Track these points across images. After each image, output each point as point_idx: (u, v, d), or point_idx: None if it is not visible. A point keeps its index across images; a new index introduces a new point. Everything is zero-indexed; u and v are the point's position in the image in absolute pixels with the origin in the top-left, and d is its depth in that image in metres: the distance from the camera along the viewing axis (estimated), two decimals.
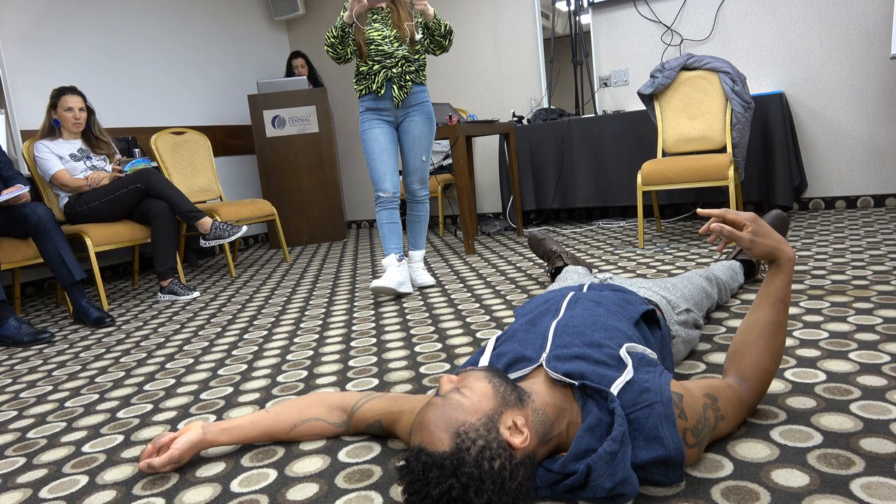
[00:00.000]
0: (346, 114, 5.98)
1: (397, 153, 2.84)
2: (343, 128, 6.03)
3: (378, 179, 2.75)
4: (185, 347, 2.27)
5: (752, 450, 1.09)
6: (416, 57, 2.76)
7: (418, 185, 2.89)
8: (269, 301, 2.93)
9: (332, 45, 2.67)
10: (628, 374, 1.03)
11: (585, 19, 4.61)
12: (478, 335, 2.01)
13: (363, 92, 2.76)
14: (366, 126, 2.79)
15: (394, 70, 2.71)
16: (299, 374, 1.82)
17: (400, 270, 2.69)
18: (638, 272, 2.65)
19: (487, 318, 2.20)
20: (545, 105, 4.83)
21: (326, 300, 2.81)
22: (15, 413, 1.76)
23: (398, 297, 2.71)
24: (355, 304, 2.67)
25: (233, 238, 3.34)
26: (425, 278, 2.88)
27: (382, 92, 2.72)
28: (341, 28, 2.62)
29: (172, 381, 1.89)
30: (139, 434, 1.50)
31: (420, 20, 2.72)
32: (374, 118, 2.78)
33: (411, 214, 2.96)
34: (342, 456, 1.26)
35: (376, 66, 2.71)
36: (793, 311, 1.88)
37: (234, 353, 2.13)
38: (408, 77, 2.74)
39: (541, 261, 3.15)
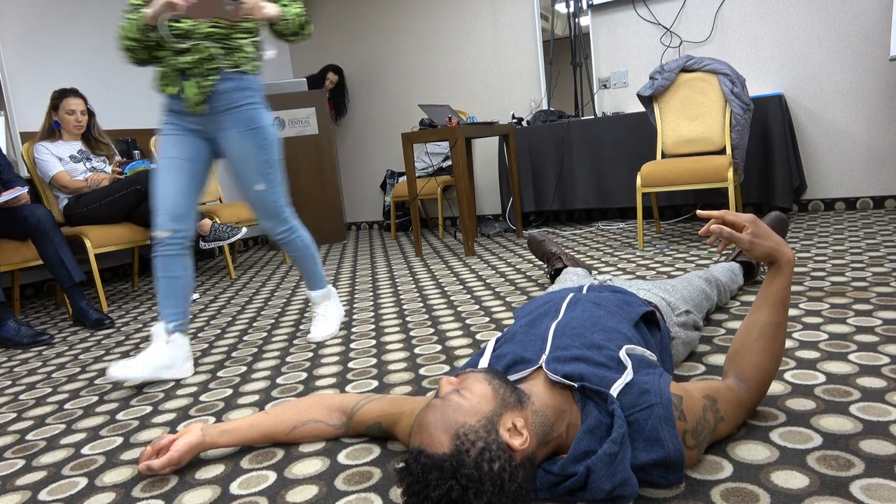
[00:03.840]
0: (346, 115, 5.98)
1: (202, 174, 2.02)
2: (343, 129, 6.03)
3: (154, 210, 1.93)
4: None
5: (751, 451, 1.09)
6: (231, 33, 1.91)
7: (270, 222, 2.05)
8: (269, 303, 2.93)
9: (129, 48, 1.88)
10: (628, 375, 1.03)
11: (585, 21, 4.61)
12: (477, 337, 2.01)
13: (159, 89, 1.97)
14: (161, 130, 2.00)
15: (186, 58, 1.87)
16: (299, 376, 1.82)
17: (167, 350, 1.88)
18: (637, 274, 2.65)
19: (487, 319, 2.20)
20: (545, 107, 4.83)
21: None
22: (14, 415, 1.76)
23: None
24: (355, 305, 2.67)
25: (232, 240, 3.34)
26: (320, 330, 2.17)
27: (176, 90, 1.92)
28: (143, 29, 1.84)
29: (172, 383, 1.89)
30: (138, 436, 1.50)
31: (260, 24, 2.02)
32: (171, 121, 1.97)
33: (289, 255, 2.20)
34: (342, 458, 1.26)
35: (166, 53, 1.90)
36: (792, 312, 1.88)
37: (233, 354, 2.13)
38: (212, 65, 1.88)
39: (540, 262, 3.15)
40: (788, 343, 1.62)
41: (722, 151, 3.31)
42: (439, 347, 1.94)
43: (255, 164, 1.97)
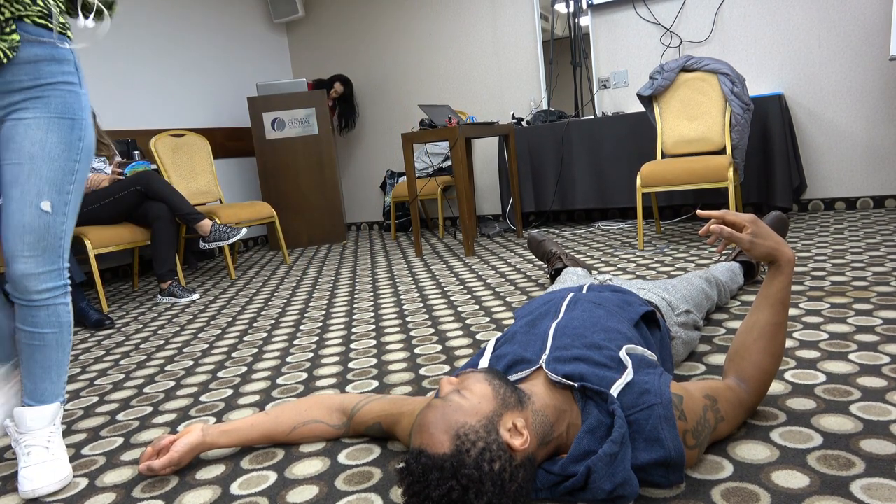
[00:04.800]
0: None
1: None
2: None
3: None
4: (185, 350, 2.27)
5: (752, 451, 1.09)
6: None
7: (37, 265, 1.27)
8: (269, 303, 2.93)
9: None
10: (628, 375, 1.03)
11: (585, 21, 4.61)
12: (477, 337, 2.01)
13: None
14: None
15: None
16: (299, 377, 1.82)
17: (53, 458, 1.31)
18: (637, 274, 2.65)
19: (487, 319, 2.20)
20: (545, 107, 4.83)
21: (326, 302, 2.81)
22: None
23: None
24: (355, 305, 2.67)
25: (232, 240, 3.34)
26: (47, 475, 1.25)
27: None
28: None
29: (172, 384, 1.89)
30: (139, 437, 1.50)
31: None
32: None
33: (22, 332, 1.30)
34: (342, 458, 1.26)
35: None
36: (792, 312, 1.88)
37: (233, 355, 2.13)
38: (7, 12, 1.23)
39: (540, 262, 3.14)
40: (789, 343, 1.62)
41: (722, 151, 3.31)
42: (439, 347, 1.94)
43: (54, 172, 1.28)
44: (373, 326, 2.29)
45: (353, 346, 2.07)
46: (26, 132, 1.26)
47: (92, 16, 1.41)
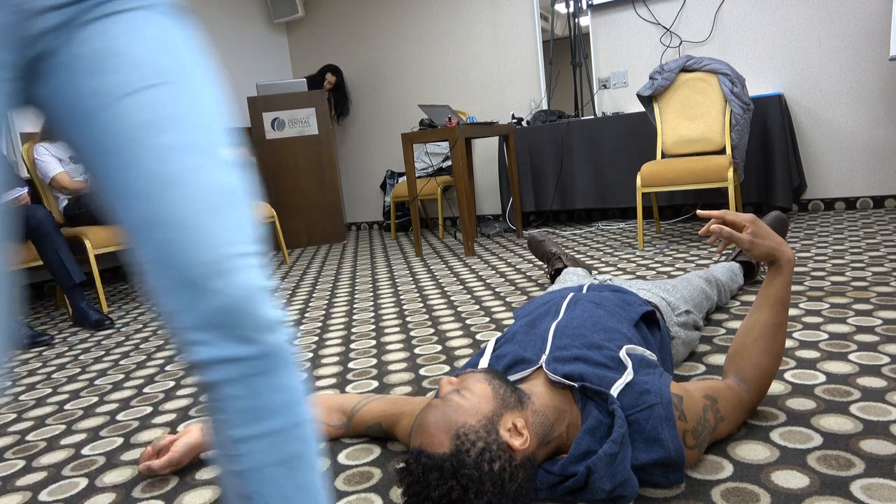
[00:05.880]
0: (349, 115, 5.99)
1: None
2: (343, 129, 6.03)
3: None
4: None
5: (752, 451, 1.09)
6: None
7: (249, 258, 0.63)
8: None
9: None
10: (628, 375, 1.03)
11: (584, 21, 4.61)
12: (477, 337, 2.01)
13: None
14: None
15: None
16: None
17: None
18: (637, 274, 2.65)
19: (487, 319, 2.20)
20: (544, 107, 4.83)
21: (326, 302, 2.81)
22: (14, 416, 1.76)
23: None
24: (355, 305, 2.67)
25: None
26: None
27: None
28: None
29: (172, 384, 1.89)
30: (139, 437, 1.50)
31: None
32: None
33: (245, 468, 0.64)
34: (342, 458, 1.26)
35: None
36: (792, 312, 1.88)
37: None
38: None
39: (540, 262, 3.14)
40: (788, 343, 1.62)
41: (722, 151, 3.31)
42: (439, 347, 1.94)
43: (218, 100, 0.70)
44: (373, 326, 2.29)
45: (353, 346, 2.07)
46: (144, 33, 0.64)
47: None
